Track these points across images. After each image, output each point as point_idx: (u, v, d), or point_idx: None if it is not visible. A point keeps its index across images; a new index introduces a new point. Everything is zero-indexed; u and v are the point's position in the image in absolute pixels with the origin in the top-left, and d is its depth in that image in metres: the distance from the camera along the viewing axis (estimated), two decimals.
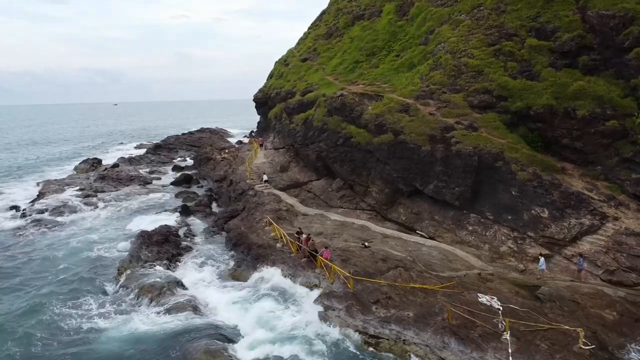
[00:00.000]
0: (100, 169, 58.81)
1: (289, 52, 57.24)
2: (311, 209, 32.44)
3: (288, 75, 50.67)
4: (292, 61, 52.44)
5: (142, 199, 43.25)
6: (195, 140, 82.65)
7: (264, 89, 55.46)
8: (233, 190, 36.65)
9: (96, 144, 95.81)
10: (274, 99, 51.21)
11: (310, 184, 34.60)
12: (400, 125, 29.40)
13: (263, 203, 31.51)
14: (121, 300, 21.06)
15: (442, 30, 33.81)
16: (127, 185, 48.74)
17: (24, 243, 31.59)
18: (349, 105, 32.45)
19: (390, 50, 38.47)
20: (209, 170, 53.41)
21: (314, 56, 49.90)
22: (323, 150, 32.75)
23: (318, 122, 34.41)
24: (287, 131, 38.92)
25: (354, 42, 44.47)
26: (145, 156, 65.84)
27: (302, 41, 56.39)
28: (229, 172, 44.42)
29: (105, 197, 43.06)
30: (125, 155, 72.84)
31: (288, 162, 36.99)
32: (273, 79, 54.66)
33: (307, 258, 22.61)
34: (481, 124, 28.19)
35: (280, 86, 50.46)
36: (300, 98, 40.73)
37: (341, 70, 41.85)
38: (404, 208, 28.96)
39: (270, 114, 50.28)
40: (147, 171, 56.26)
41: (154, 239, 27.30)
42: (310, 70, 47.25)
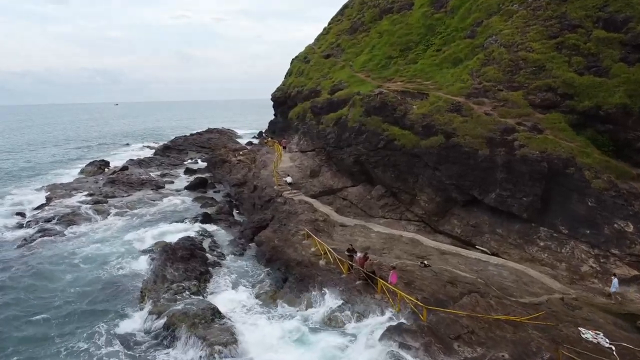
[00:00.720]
0: (109, 172, 55.66)
1: (308, 49, 54.17)
2: (349, 218, 29.32)
3: (310, 73, 47.59)
4: (314, 58, 49.35)
5: (157, 205, 40.09)
6: (204, 141, 79.52)
7: (282, 87, 52.37)
8: (258, 197, 33.51)
9: (101, 145, 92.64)
10: (295, 97, 48.17)
11: (346, 190, 31.47)
12: (452, 126, 26.29)
13: (296, 212, 28.37)
14: (149, 333, 17.92)
15: (491, 22, 30.72)
16: (138, 189, 45.60)
17: (28, 257, 28.42)
18: (390, 104, 29.33)
19: (428, 45, 35.34)
20: (225, 173, 50.28)
21: (338, 52, 46.82)
22: (362, 154, 29.63)
23: (354, 123, 31.29)
24: (316, 132, 35.79)
25: (384, 37, 41.39)
26: (155, 158, 62.72)
27: (322, 37, 53.30)
28: (248, 176, 41.28)
29: (116, 204, 39.90)
30: (134, 157, 69.67)
31: (319, 166, 33.85)
32: (292, 77, 51.58)
33: (364, 280, 19.46)
34: (545, 125, 25.10)
35: (302, 84, 47.41)
36: (328, 97, 37.61)
37: (372, 67, 38.75)
38: (458, 219, 25.82)
39: (291, 113, 47.19)
40: (159, 174, 53.11)
41: (178, 255, 24.15)
42: (336, 67, 44.18)
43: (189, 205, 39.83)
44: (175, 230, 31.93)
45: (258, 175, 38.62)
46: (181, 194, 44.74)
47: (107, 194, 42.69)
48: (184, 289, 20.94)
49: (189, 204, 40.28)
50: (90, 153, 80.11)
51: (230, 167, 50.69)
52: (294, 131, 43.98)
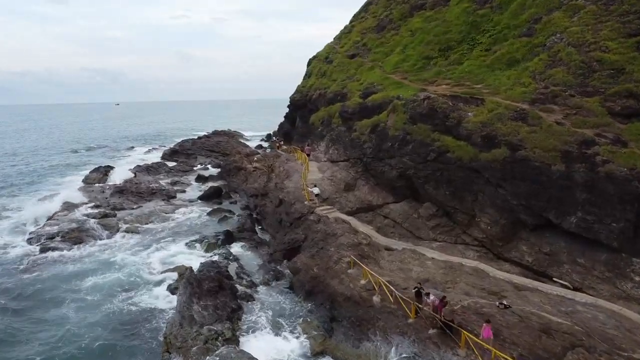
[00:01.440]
0: (115, 177, 52.17)
1: (329, 48, 50.71)
2: (394, 240, 25.85)
3: (333, 74, 44.12)
4: (336, 58, 45.88)
5: (170, 219, 36.62)
6: (213, 144, 76.01)
7: (302, 89, 48.88)
8: (286, 214, 30.02)
9: (104, 149, 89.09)
10: (317, 100, 44.70)
11: (387, 207, 27.98)
12: (517, 137, 22.79)
13: (334, 233, 24.87)
14: None
15: (553, 18, 27.21)
16: (148, 200, 42.13)
17: (27, 284, 24.92)
18: (440, 110, 25.84)
19: (474, 44, 31.85)
20: (240, 181, 46.83)
21: (364, 52, 43.34)
22: (408, 167, 26.13)
23: (396, 131, 27.81)
24: (349, 141, 32.29)
25: (418, 36, 37.90)
26: (163, 164, 59.24)
27: (344, 35, 49.81)
28: (269, 186, 37.79)
29: (126, 217, 36.42)
30: (140, 161, 66.19)
31: (354, 179, 30.35)
32: (313, 78, 48.09)
33: (440, 330, 15.99)
34: (629, 136, 21.55)
35: (324, 86, 43.94)
36: (360, 101, 34.13)
37: (408, 68, 35.26)
38: (527, 245, 22.32)
39: (313, 118, 43.72)
40: (169, 182, 49.63)
41: (205, 287, 20.65)
42: (363, 68, 40.71)
43: (205, 220, 36.35)
44: (193, 252, 28.49)
45: (281, 186, 35.12)
46: (195, 205, 41.30)
47: (116, 206, 39.23)
48: (217, 335, 17.46)
49: (205, 218, 36.80)
50: (93, 158, 76.65)
51: (246, 175, 47.24)
52: (318, 137, 40.51)
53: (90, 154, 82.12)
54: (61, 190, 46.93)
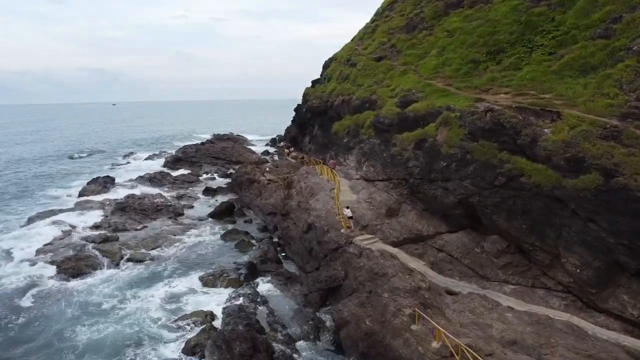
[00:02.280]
0: (115, 190, 47.88)
1: (349, 50, 46.56)
2: (453, 280, 21.72)
3: (358, 79, 39.97)
4: (361, 60, 41.73)
5: (180, 243, 32.36)
6: (218, 151, 71.75)
7: (321, 94, 44.69)
8: (317, 242, 25.83)
9: (102, 154, 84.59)
10: (339, 107, 40.54)
11: (440, 238, 23.82)
12: (611, 160, 18.66)
13: (384, 273, 20.67)
14: None
15: (638, 17, 23.12)
16: (154, 218, 37.84)
17: (10, 335, 20.60)
18: (509, 125, 21.69)
19: (532, 46, 27.73)
20: (254, 196, 42.65)
21: (392, 54, 39.22)
22: (471, 193, 21.96)
23: (451, 149, 23.65)
24: (389, 157, 28.11)
25: (458, 37, 33.80)
26: (166, 173, 54.86)
27: (367, 36, 45.67)
28: (291, 205, 33.58)
29: (129, 241, 32.11)
30: (141, 170, 61.88)
31: (397, 202, 26.18)
32: (333, 83, 43.91)
33: None
34: None
35: (349, 92, 39.79)
36: (397, 110, 29.98)
37: (450, 73, 31.14)
38: (630, 295, 18.19)
39: (336, 127, 39.54)
40: (174, 196, 45.32)
41: (236, 351, 16.46)
42: (394, 73, 36.58)
43: (219, 244, 32.11)
44: (212, 291, 24.24)
45: (307, 206, 30.91)
46: (206, 224, 37.05)
47: (117, 226, 34.90)
48: None
49: (219, 242, 32.56)
50: (90, 164, 72.23)
51: (259, 188, 43.03)
52: (344, 149, 36.34)
53: (87, 160, 77.65)
54: (56, 205, 42.61)
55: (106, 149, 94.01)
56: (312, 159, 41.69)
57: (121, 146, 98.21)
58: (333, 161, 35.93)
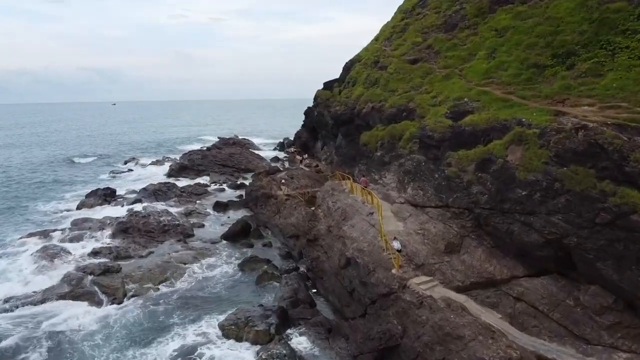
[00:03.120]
0: (116, 206, 43.52)
1: (376, 50, 42.16)
2: (540, 340, 17.36)
3: (390, 83, 35.57)
4: (392, 63, 37.32)
5: (192, 273, 28.04)
6: (225, 158, 67.36)
7: (346, 100, 40.24)
8: (361, 283, 21.44)
9: (102, 159, 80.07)
10: (369, 116, 36.15)
11: (518, 283, 19.42)
12: None
13: (460, 336, 16.30)
14: None
15: None
16: (160, 241, 33.46)
17: None
18: (611, 148, 17.28)
19: (613, 49, 23.35)
20: (271, 214, 38.29)
21: (430, 56, 34.84)
22: (565, 233, 17.55)
23: (531, 174, 19.25)
24: (443, 178, 23.67)
25: (511, 36, 29.45)
26: (172, 185, 50.32)
27: (397, 35, 41.26)
28: (320, 230, 29.21)
29: (133, 272, 27.71)
30: (143, 180, 57.54)
31: (458, 236, 21.76)
32: (359, 87, 39.49)
33: None
34: None
35: (380, 98, 35.40)
36: (448, 122, 25.58)
37: (508, 79, 26.76)
38: None
39: (365, 138, 35.15)
40: (182, 212, 40.90)
41: None
42: (434, 77, 32.20)
43: (239, 277, 27.75)
44: (236, 346, 19.84)
45: (340, 233, 26.52)
46: (220, 249, 32.69)
47: (119, 252, 30.55)
48: None
49: (237, 274, 28.20)
50: (89, 172, 67.82)
51: (277, 205, 38.66)
52: (377, 164, 31.93)
53: (86, 165, 73.18)
54: (49, 224, 38.20)
55: (106, 152, 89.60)
56: (337, 172, 37.28)
57: (122, 150, 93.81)
58: (365, 179, 31.56)
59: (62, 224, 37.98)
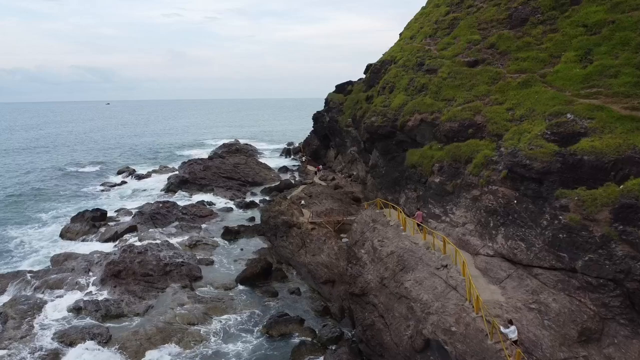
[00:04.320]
0: (107, 232, 36.67)
1: (417, 50, 35.47)
2: None
3: (444, 90, 28.96)
4: (443, 65, 30.70)
5: (206, 344, 21.28)
6: (230, 169, 60.48)
7: (383, 110, 33.51)
8: None
9: (94, 168, 72.72)
10: (417, 130, 29.53)
11: None
12: None
13: None
14: None
15: None
16: (161, 288, 26.70)
17: None
18: None
19: None
20: (295, 247, 31.67)
21: (494, 57, 28.29)
22: None
23: None
24: (558, 228, 17.04)
25: (610, 34, 23.02)
26: (172, 204, 43.23)
27: (442, 31, 34.63)
28: (368, 281, 22.60)
29: (127, 342, 20.90)
30: (138, 197, 50.73)
31: (598, 319, 15.16)
32: (401, 95, 32.80)
33: None
34: None
35: (431, 108, 28.77)
36: (554, 149, 18.87)
37: (620, 88, 20.23)
38: None
39: (413, 158, 28.57)
40: (186, 243, 34.10)
41: None
42: (506, 83, 25.64)
43: (265, 351, 21.01)
44: None
45: (401, 291, 19.94)
46: (235, 299, 26.09)
47: (109, 309, 23.78)
48: None
49: (263, 345, 21.47)
50: (78, 183, 60.67)
51: (301, 236, 31.99)
52: (436, 194, 25.29)
53: (75, 176, 65.85)
54: (21, 260, 31.29)
55: (99, 159, 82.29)
56: (379, 200, 30.50)
57: (116, 156, 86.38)
58: (421, 212, 25.01)
59: (38, 261, 31.11)
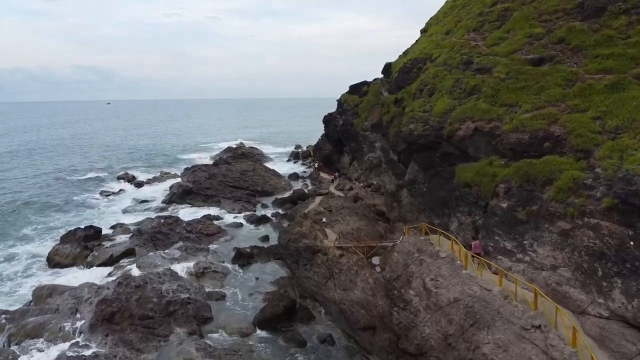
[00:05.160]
0: (100, 255, 31.93)
1: (459, 45, 30.59)
2: None
3: (503, 93, 24.10)
4: (498, 63, 25.84)
5: None
6: (237, 177, 55.68)
7: (423, 116, 28.59)
8: None
9: (89, 174, 67.65)
10: (470, 141, 24.68)
11: None
12: None
13: None
14: None
15: None
16: (163, 335, 21.88)
17: None
18: None
19: None
20: (321, 278, 26.95)
21: (565, 54, 23.46)
22: None
23: None
24: None
25: None
26: (174, 220, 38.37)
27: (491, 25, 29.75)
28: (424, 336, 17.80)
29: None
30: (137, 207, 46.03)
31: None
32: (445, 98, 27.91)
33: None
34: None
35: (488, 115, 23.91)
36: None
37: None
38: None
39: (467, 175, 23.71)
40: (192, 270, 29.29)
41: None
42: (587, 86, 20.83)
43: None
44: None
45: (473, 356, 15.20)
46: (255, 350, 21.21)
47: None
48: None
49: None
50: (73, 191, 55.89)
51: (328, 265, 27.16)
52: (503, 223, 20.50)
53: (68, 184, 60.86)
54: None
55: (96, 163, 77.51)
56: (425, 225, 25.58)
57: (114, 159, 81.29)
58: (478, 243, 20.29)
59: (19, 294, 26.34)
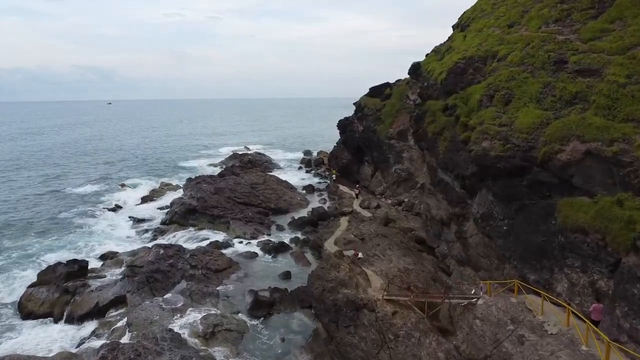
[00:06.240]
0: (86, 300, 25.61)
1: (539, 40, 24.13)
2: None
3: (624, 104, 17.64)
4: (607, 62, 19.43)
5: None
6: (247, 191, 49.26)
7: (501, 131, 22.01)
8: None
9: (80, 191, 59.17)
10: (576, 169, 18.19)
11: None
12: None
13: None
14: None
15: None
16: None
17: None
18: None
19: None
20: (371, 347, 20.93)
21: None
22: None
23: None
24: None
25: None
26: (177, 250, 32.09)
27: (580, 15, 23.35)
28: None
29: None
30: (130, 233, 39.77)
31: None
32: (530, 108, 21.40)
33: None
34: None
35: (602, 134, 17.45)
36: None
37: None
38: None
39: (573, 215, 17.24)
40: (199, 329, 22.81)
41: None
42: None
43: None
44: None
45: None
46: None
47: None
48: None
49: None
50: (56, 208, 49.49)
51: (378, 328, 20.73)
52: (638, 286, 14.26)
53: (55, 199, 54.29)
54: None
55: (89, 174, 71.15)
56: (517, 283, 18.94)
57: (111, 172, 74.63)
58: (600, 306, 14.01)
59: None
